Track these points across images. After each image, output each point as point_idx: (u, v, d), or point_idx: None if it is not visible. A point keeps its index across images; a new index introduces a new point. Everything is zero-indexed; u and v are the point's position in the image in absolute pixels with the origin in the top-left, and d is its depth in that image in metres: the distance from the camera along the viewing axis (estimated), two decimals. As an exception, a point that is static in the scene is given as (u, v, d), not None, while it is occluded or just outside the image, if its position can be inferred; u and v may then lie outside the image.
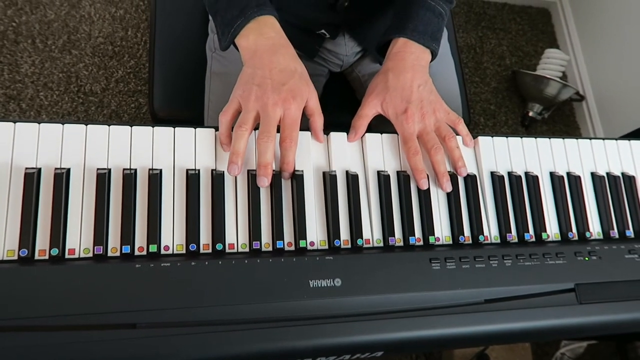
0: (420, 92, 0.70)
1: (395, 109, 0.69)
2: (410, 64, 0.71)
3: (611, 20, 1.83)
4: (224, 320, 0.54)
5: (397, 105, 0.69)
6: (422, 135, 0.68)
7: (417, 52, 0.72)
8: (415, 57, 0.72)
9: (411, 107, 0.68)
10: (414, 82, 0.70)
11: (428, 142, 0.68)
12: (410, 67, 0.71)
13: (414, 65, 0.71)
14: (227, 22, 0.67)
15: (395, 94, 0.69)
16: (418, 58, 0.72)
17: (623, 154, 0.77)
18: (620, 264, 0.67)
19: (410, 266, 0.61)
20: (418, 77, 0.70)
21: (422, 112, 0.68)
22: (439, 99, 0.72)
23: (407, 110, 0.68)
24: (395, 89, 0.70)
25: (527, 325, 0.62)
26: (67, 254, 0.55)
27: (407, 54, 0.72)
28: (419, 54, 0.72)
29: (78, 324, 0.51)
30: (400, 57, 0.72)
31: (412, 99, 0.69)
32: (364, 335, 0.57)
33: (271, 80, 0.62)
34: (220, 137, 0.63)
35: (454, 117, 0.72)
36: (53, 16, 1.55)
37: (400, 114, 0.69)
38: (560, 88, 1.79)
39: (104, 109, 1.49)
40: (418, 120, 0.68)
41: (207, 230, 0.59)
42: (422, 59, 0.73)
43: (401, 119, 0.68)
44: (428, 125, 0.69)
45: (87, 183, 0.57)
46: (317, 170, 0.65)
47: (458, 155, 0.68)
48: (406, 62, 0.71)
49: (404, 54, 0.72)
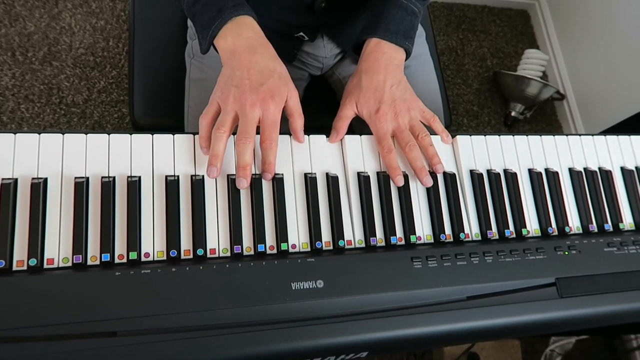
0: (393, 91, 0.70)
1: (368, 109, 0.70)
2: (383, 64, 0.72)
3: (589, 20, 1.86)
4: (205, 325, 0.54)
5: (370, 105, 0.70)
6: (396, 134, 0.69)
7: (390, 51, 0.73)
8: (388, 56, 0.72)
9: (383, 106, 0.69)
10: (387, 81, 0.71)
11: (402, 140, 0.68)
12: (383, 68, 0.71)
13: (386, 65, 0.72)
14: (205, 25, 0.67)
15: (369, 94, 0.70)
16: (391, 58, 0.73)
17: (599, 149, 0.78)
18: (600, 257, 0.68)
19: (392, 266, 0.61)
20: (391, 76, 0.71)
21: (395, 111, 0.69)
22: (414, 97, 0.73)
23: (379, 110, 0.69)
24: (369, 89, 0.70)
25: (510, 321, 0.62)
26: (46, 263, 0.55)
27: (380, 54, 0.72)
28: (391, 53, 0.73)
29: (58, 333, 0.51)
30: (373, 57, 0.73)
31: (384, 99, 0.69)
32: (347, 335, 0.57)
33: (249, 81, 0.62)
34: (200, 140, 0.63)
35: (428, 116, 0.72)
36: (33, 28, 1.54)
37: (373, 113, 0.69)
38: (540, 87, 1.81)
39: (86, 120, 1.48)
40: (391, 119, 0.69)
41: (188, 236, 0.59)
42: (395, 58, 0.73)
43: (374, 118, 0.69)
44: (402, 123, 0.69)
45: (65, 192, 0.57)
46: (297, 173, 0.65)
47: (432, 152, 0.69)
48: (379, 63, 0.72)
49: (377, 54, 0.73)
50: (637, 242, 0.70)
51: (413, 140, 0.68)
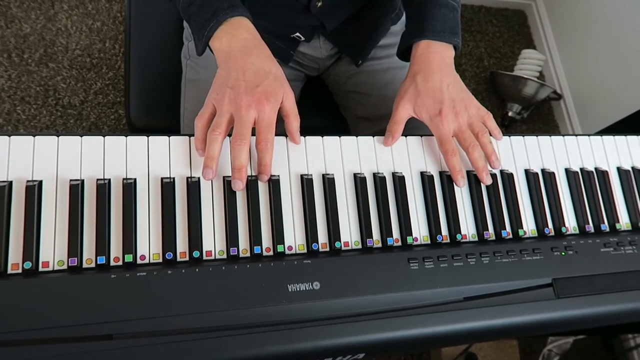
0: (451, 91, 0.70)
1: (428, 111, 0.69)
2: (437, 65, 0.71)
3: (585, 20, 1.86)
4: (202, 327, 0.53)
5: (430, 107, 0.69)
6: (457, 134, 0.69)
7: (441, 50, 0.72)
8: (440, 56, 0.72)
9: (444, 108, 0.68)
10: (443, 82, 0.70)
11: (465, 141, 0.69)
12: (437, 68, 0.71)
13: (440, 65, 0.71)
14: (200, 26, 0.67)
15: (427, 97, 0.70)
16: (443, 57, 0.72)
17: (596, 149, 0.78)
18: (596, 257, 0.68)
19: (388, 267, 0.61)
20: (446, 76, 0.71)
21: (456, 111, 0.69)
22: (469, 94, 0.72)
23: (441, 112, 0.68)
24: (426, 91, 0.70)
25: (507, 322, 0.62)
26: (41, 267, 0.54)
27: (432, 54, 0.71)
28: (443, 52, 0.72)
29: (53, 337, 0.51)
30: (425, 58, 0.71)
31: (444, 100, 0.69)
32: (344, 337, 0.57)
33: (245, 82, 0.62)
34: (196, 142, 0.62)
35: (483, 113, 0.72)
36: (29, 30, 1.53)
37: (434, 116, 0.69)
38: (537, 87, 1.82)
39: (83, 122, 1.48)
40: (452, 120, 0.69)
41: (184, 238, 0.59)
42: (447, 56, 0.72)
43: (436, 121, 0.69)
44: (462, 123, 0.69)
45: (60, 195, 0.57)
46: (293, 174, 0.65)
47: (491, 150, 0.69)
48: (432, 64, 0.71)
49: (429, 54, 0.72)
50: (633, 242, 0.70)
51: (475, 140, 0.69)
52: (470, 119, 0.70)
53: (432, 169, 0.70)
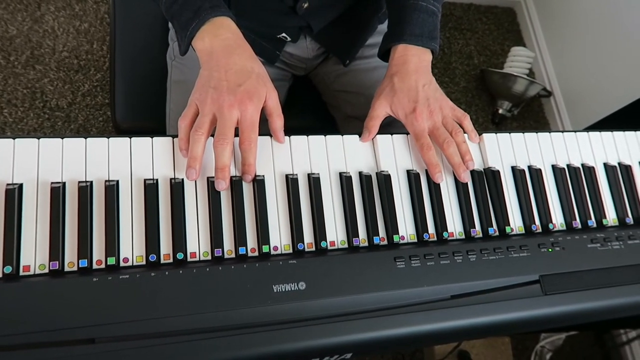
0: (426, 90, 0.72)
1: (404, 109, 0.71)
2: (413, 67, 0.73)
3: (575, 17, 1.87)
4: (185, 330, 0.53)
5: (405, 105, 0.71)
6: (432, 132, 0.71)
7: (418, 54, 0.74)
8: (417, 59, 0.74)
9: (419, 105, 0.70)
10: (419, 82, 0.72)
11: (439, 137, 0.70)
12: (413, 70, 0.73)
13: (417, 67, 0.73)
14: (182, 26, 0.66)
15: (402, 95, 0.72)
16: (420, 59, 0.74)
17: (582, 146, 0.78)
18: (583, 253, 0.68)
19: (374, 266, 0.60)
20: (422, 77, 0.73)
21: (430, 110, 0.71)
22: (444, 96, 0.74)
23: (415, 109, 0.70)
24: (402, 90, 0.72)
25: (494, 319, 0.62)
26: (22, 270, 0.54)
27: (409, 57, 0.74)
28: (419, 55, 0.74)
29: (35, 341, 0.50)
30: (402, 60, 0.74)
31: (419, 98, 0.71)
32: (330, 337, 0.56)
33: (227, 82, 0.62)
34: (179, 143, 0.62)
35: (459, 114, 0.74)
36: (15, 32, 1.52)
37: (409, 113, 0.71)
38: (527, 85, 1.82)
39: (71, 124, 1.47)
40: (427, 118, 0.70)
41: (168, 239, 0.58)
42: (424, 59, 0.75)
43: (411, 118, 0.70)
44: (437, 121, 0.71)
45: (41, 198, 0.56)
46: (278, 174, 0.64)
47: (465, 149, 0.71)
48: (409, 66, 0.73)
49: (406, 57, 0.74)
50: (620, 237, 0.70)
51: (449, 137, 0.70)
52: (445, 119, 0.72)
53: (418, 167, 0.70)
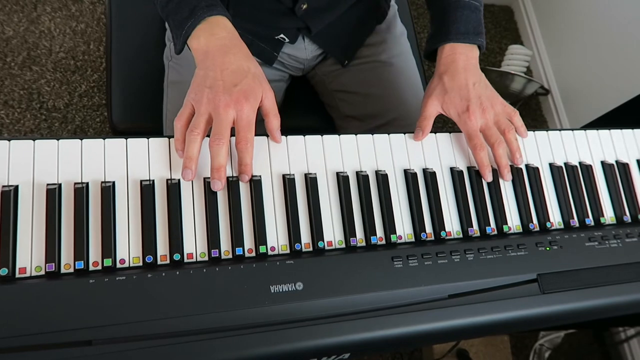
0: (477, 89, 0.72)
1: (456, 108, 0.72)
2: (462, 66, 0.73)
3: (572, 15, 1.87)
4: (183, 331, 0.53)
5: (458, 104, 0.71)
6: (484, 131, 0.71)
7: (466, 51, 0.74)
8: (465, 57, 0.74)
9: (472, 104, 0.71)
10: (469, 80, 0.72)
11: (491, 137, 0.70)
12: (462, 68, 0.73)
13: (465, 65, 0.73)
14: (178, 24, 0.66)
15: (454, 94, 0.72)
16: (468, 57, 0.74)
17: (580, 144, 0.78)
18: (581, 252, 0.68)
19: (372, 266, 0.60)
20: (471, 75, 0.73)
21: (483, 108, 0.71)
22: (495, 93, 0.74)
23: (468, 108, 0.71)
24: (453, 89, 0.72)
25: (492, 318, 0.62)
26: (18, 273, 0.53)
27: (457, 56, 0.74)
28: (467, 53, 0.74)
29: (32, 344, 0.50)
30: (451, 59, 0.74)
31: (470, 97, 0.71)
32: (328, 338, 0.56)
33: (222, 82, 0.61)
34: (175, 143, 0.62)
35: (510, 110, 0.74)
36: (11, 33, 1.52)
37: (462, 112, 0.71)
38: (525, 83, 1.82)
39: (68, 125, 1.47)
40: (480, 116, 0.71)
41: (164, 240, 0.58)
42: (472, 57, 0.75)
43: (464, 117, 0.71)
44: (489, 119, 0.71)
45: (36, 199, 0.56)
46: (275, 174, 0.64)
47: (516, 147, 0.72)
48: (458, 64, 0.73)
49: (454, 56, 0.74)
50: (618, 236, 0.70)
51: (501, 137, 0.71)
52: (497, 116, 0.72)
53: (415, 166, 0.69)
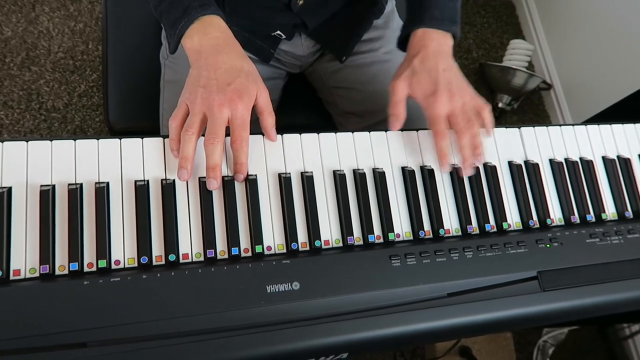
0: (447, 74, 0.70)
1: (423, 90, 0.69)
2: (433, 51, 0.71)
3: (574, 9, 1.85)
4: (179, 332, 0.52)
5: (425, 86, 0.69)
6: (450, 117, 0.68)
7: (438, 38, 0.72)
8: (437, 43, 0.72)
9: (440, 88, 0.68)
10: (439, 65, 0.70)
11: (456, 125, 0.68)
12: (433, 53, 0.71)
13: (437, 51, 0.71)
14: (171, 24, 0.66)
15: (423, 76, 0.69)
16: (440, 44, 0.72)
17: (580, 139, 0.77)
18: (582, 248, 0.67)
19: (370, 264, 0.60)
20: (442, 60, 0.70)
21: (451, 94, 0.68)
22: (465, 83, 0.72)
23: (435, 92, 0.68)
24: (422, 71, 0.70)
25: (492, 316, 0.61)
26: (12, 275, 0.53)
27: (429, 41, 0.71)
28: (439, 39, 0.72)
29: (25, 346, 0.49)
30: (422, 44, 0.71)
31: (440, 81, 0.69)
32: (326, 337, 0.56)
33: (216, 81, 0.61)
34: (170, 143, 0.61)
35: (480, 103, 0.71)
36: (10, 33, 1.52)
37: (428, 95, 0.69)
38: (527, 78, 1.81)
39: (67, 125, 1.46)
40: (446, 101, 0.68)
41: (160, 241, 0.58)
42: (444, 44, 0.72)
43: (430, 100, 0.68)
44: (456, 107, 0.68)
45: (30, 201, 0.55)
46: (271, 173, 0.64)
47: (477, 143, 0.68)
48: (429, 49, 0.71)
49: (425, 41, 0.72)
50: (619, 232, 0.69)
51: (466, 126, 0.68)
52: (464, 106, 0.69)
53: (413, 163, 0.69)
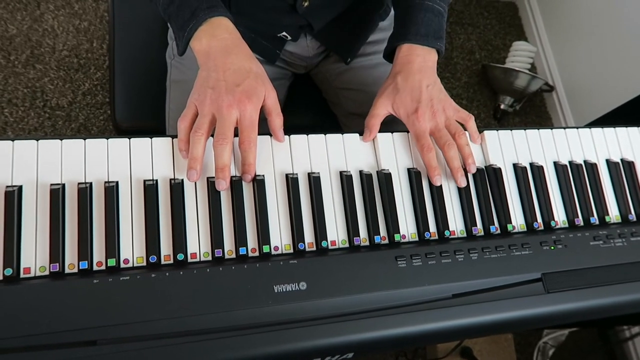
0: (430, 91, 0.71)
1: (406, 109, 0.70)
2: (417, 67, 0.72)
3: (576, 11, 1.85)
4: (187, 331, 0.53)
5: (408, 105, 0.70)
6: (434, 133, 0.69)
7: (423, 54, 0.73)
8: (422, 59, 0.73)
9: (422, 106, 0.69)
10: (423, 82, 0.71)
11: (440, 139, 0.69)
12: (417, 70, 0.72)
13: (421, 67, 0.72)
14: (180, 26, 0.66)
15: (405, 95, 0.71)
16: (425, 60, 0.73)
17: (584, 142, 0.78)
18: (586, 251, 0.68)
19: (375, 265, 0.60)
20: (426, 77, 0.72)
21: (433, 110, 0.69)
22: (448, 97, 0.73)
23: (417, 110, 0.69)
24: (405, 89, 0.71)
25: (496, 318, 0.62)
26: (22, 273, 0.54)
27: (414, 57, 0.73)
28: (425, 55, 0.73)
29: (36, 344, 0.50)
30: (407, 60, 0.73)
31: (422, 99, 0.70)
32: (332, 337, 0.56)
33: (225, 82, 0.61)
34: (179, 144, 0.62)
35: (464, 115, 0.73)
36: (15, 31, 1.52)
37: (411, 113, 0.70)
38: (529, 80, 1.81)
39: (71, 123, 1.47)
40: (429, 119, 0.69)
41: (168, 240, 0.58)
42: (429, 60, 0.73)
43: (412, 118, 0.69)
44: (439, 122, 0.70)
45: (40, 199, 0.56)
46: (278, 174, 0.64)
47: (468, 152, 0.70)
48: (413, 65, 0.72)
49: (410, 57, 0.73)
50: (623, 234, 0.70)
51: (451, 139, 0.69)
52: (448, 120, 0.71)
53: (419, 165, 0.69)
